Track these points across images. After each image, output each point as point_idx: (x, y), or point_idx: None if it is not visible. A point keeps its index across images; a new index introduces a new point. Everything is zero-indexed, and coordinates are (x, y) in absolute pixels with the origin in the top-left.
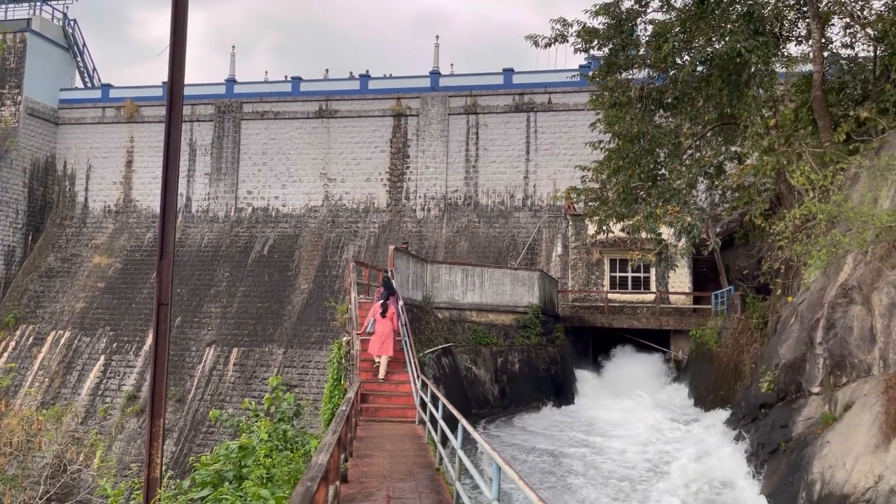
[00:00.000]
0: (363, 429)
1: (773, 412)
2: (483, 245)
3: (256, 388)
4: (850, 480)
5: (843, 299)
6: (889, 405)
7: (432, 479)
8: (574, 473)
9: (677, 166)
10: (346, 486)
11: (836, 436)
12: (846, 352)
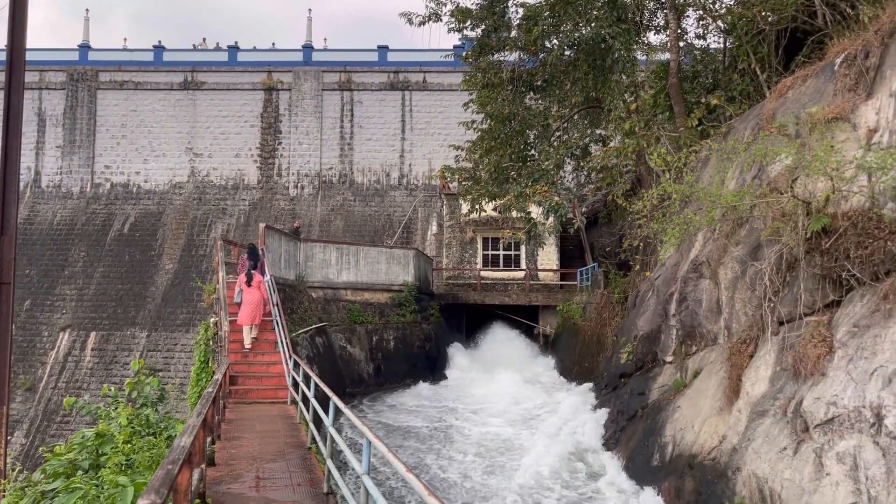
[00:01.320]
0: (232, 411)
1: (632, 381)
2: (359, 224)
3: (117, 374)
4: (697, 441)
5: (694, 274)
6: (732, 371)
7: (304, 458)
8: (444, 446)
9: (546, 147)
10: (214, 470)
11: (686, 401)
12: (696, 323)
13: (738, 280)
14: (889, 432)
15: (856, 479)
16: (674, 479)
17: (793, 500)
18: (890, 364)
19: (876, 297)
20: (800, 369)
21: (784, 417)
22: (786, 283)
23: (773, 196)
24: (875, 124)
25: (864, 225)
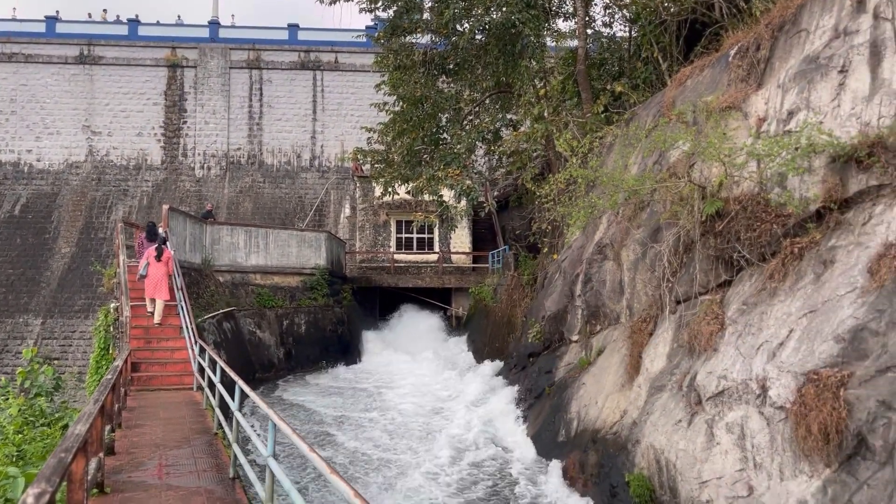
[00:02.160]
0: (135, 398)
1: (540, 360)
2: (269, 206)
3: (9, 363)
4: (600, 416)
5: (598, 256)
6: (633, 348)
7: (210, 444)
8: (357, 428)
9: (458, 131)
10: (114, 458)
11: (590, 378)
12: (600, 302)
13: (639, 261)
14: (773, 403)
15: (743, 447)
16: (578, 454)
17: (686, 469)
18: (774, 339)
19: (763, 277)
20: (694, 346)
21: (680, 392)
22: (683, 264)
23: (672, 181)
24: (764, 113)
25: (753, 209)
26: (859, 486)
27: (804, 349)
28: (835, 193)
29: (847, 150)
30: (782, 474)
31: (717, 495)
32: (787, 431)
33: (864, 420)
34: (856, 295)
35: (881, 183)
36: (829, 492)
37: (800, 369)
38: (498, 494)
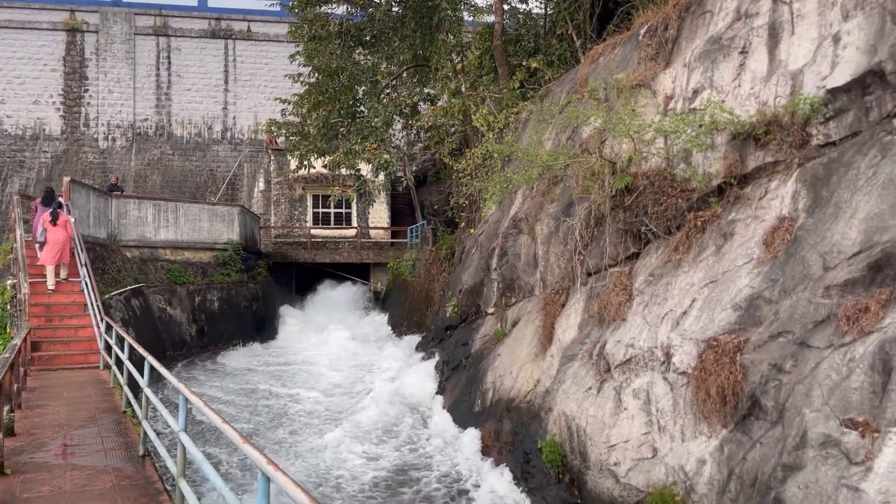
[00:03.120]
0: (36, 379)
1: (457, 332)
2: (178, 179)
3: None
4: (515, 386)
5: (514, 230)
6: (546, 320)
7: (118, 423)
8: (274, 402)
9: (375, 104)
10: (13, 440)
11: (505, 349)
12: (515, 276)
13: (552, 235)
14: (676, 369)
15: (648, 411)
16: (493, 423)
17: (596, 433)
18: (678, 308)
19: (668, 249)
20: (604, 316)
21: (590, 360)
22: (594, 237)
23: (584, 156)
24: (671, 91)
25: (660, 184)
26: (753, 444)
27: (705, 317)
28: (735, 169)
29: (746, 128)
30: (684, 436)
31: (624, 458)
32: (689, 395)
33: (757, 382)
34: (752, 266)
35: (776, 159)
36: (725, 450)
37: (700, 336)
38: (415, 466)
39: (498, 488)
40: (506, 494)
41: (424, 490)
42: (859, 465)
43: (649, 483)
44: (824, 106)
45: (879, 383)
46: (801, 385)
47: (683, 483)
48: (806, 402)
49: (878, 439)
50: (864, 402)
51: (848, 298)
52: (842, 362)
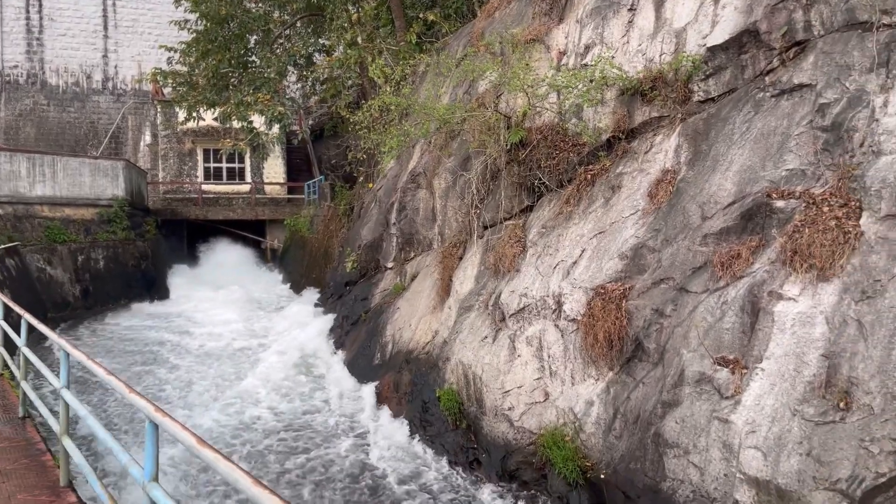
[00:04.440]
0: None
1: (357, 288)
2: (55, 132)
3: None
4: (414, 338)
5: (412, 184)
6: (444, 272)
7: None
8: (167, 360)
9: (268, 54)
10: None
11: (404, 302)
12: (414, 230)
13: (450, 189)
14: (566, 316)
15: (541, 357)
16: (392, 375)
17: (491, 380)
18: (569, 259)
19: (560, 202)
20: (499, 267)
21: (486, 310)
22: (490, 191)
23: (480, 111)
24: (564, 47)
25: (552, 138)
26: (636, 385)
27: (594, 267)
28: (623, 124)
29: (634, 84)
30: (573, 379)
31: (518, 403)
32: (578, 341)
33: (641, 327)
34: (637, 217)
35: (661, 115)
36: (611, 391)
37: (589, 285)
38: (315, 419)
39: (397, 437)
40: (405, 443)
41: (324, 443)
42: (729, 400)
43: (541, 425)
44: (705, 63)
45: (748, 324)
46: (680, 328)
47: (573, 424)
48: (684, 343)
49: (745, 375)
50: (734, 341)
51: (722, 246)
52: (716, 305)
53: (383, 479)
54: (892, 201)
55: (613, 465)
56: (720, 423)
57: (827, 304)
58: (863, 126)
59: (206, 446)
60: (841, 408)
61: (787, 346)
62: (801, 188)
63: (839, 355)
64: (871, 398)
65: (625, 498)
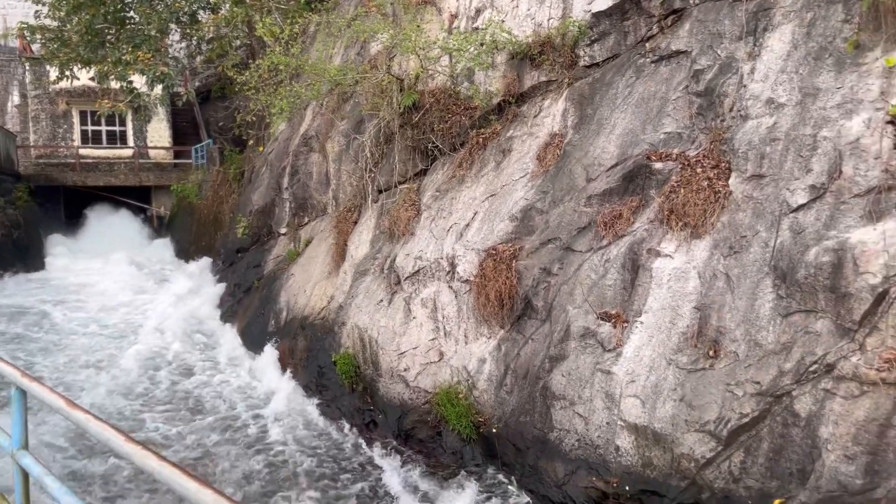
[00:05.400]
0: None
1: (249, 255)
2: None
3: None
4: (309, 304)
5: (305, 148)
6: (339, 237)
7: None
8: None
9: (147, 10)
10: None
11: (299, 268)
12: (307, 195)
13: (343, 153)
14: (460, 277)
15: (435, 318)
16: (287, 342)
17: (387, 343)
18: (462, 221)
19: (453, 165)
20: (394, 231)
21: (381, 274)
22: (384, 154)
23: (373, 73)
24: (456, 10)
25: (445, 101)
26: (525, 341)
27: (486, 229)
28: (513, 88)
29: (523, 49)
30: (467, 338)
31: (414, 363)
32: (471, 301)
33: (530, 285)
34: (527, 179)
35: (549, 79)
36: (502, 349)
37: (482, 246)
38: (207, 388)
39: (293, 403)
40: (301, 408)
41: (218, 412)
42: (611, 352)
43: (436, 384)
44: (590, 29)
45: (628, 280)
46: (566, 285)
47: (466, 381)
48: (570, 300)
49: (626, 328)
50: (616, 297)
51: (605, 206)
52: (599, 263)
53: (278, 445)
54: (757, 162)
55: (505, 420)
56: (603, 375)
57: (699, 259)
58: (732, 91)
59: (77, 408)
60: (710, 356)
61: (663, 300)
62: (678, 150)
63: (709, 307)
64: (736, 345)
65: (515, 450)
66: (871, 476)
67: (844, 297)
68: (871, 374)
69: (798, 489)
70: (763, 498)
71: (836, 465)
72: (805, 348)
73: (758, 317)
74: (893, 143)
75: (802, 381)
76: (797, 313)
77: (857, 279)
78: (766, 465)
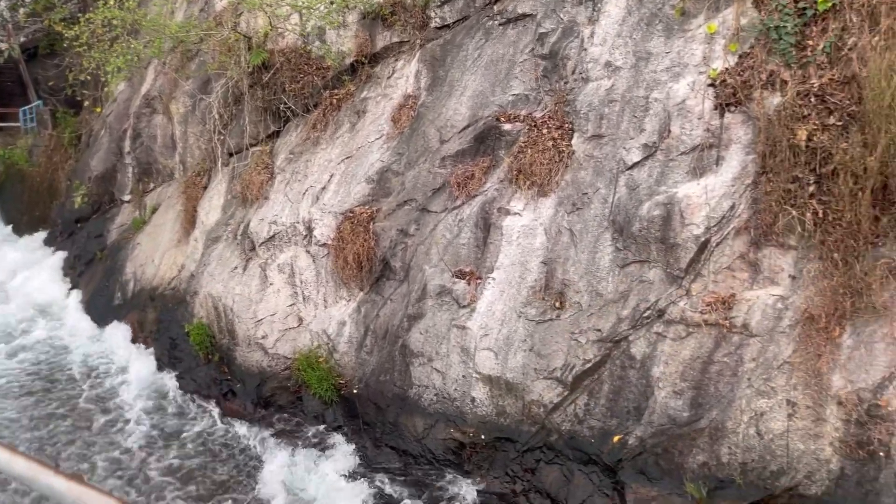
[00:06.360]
0: None
1: (89, 224)
2: None
3: None
4: (158, 274)
5: (147, 109)
6: (188, 203)
7: None
8: None
9: None
10: None
11: (145, 237)
12: (152, 159)
13: (190, 114)
14: (317, 241)
15: (293, 284)
16: (136, 314)
17: (243, 311)
18: (317, 184)
19: (307, 127)
20: (247, 195)
21: (235, 240)
22: (234, 116)
23: (218, 30)
24: None
25: (296, 61)
26: (384, 302)
27: (342, 191)
28: (366, 48)
29: (374, 8)
30: (326, 302)
31: (272, 330)
32: (329, 265)
33: (387, 247)
34: (382, 141)
35: (401, 40)
36: (362, 310)
37: (339, 209)
38: (54, 366)
39: (145, 376)
40: (153, 381)
41: (62, 388)
42: (466, 308)
43: (296, 350)
44: None
45: (482, 238)
46: (423, 245)
47: (327, 345)
48: (426, 259)
49: (480, 285)
50: (469, 255)
51: (458, 167)
52: (453, 223)
53: (131, 422)
54: (597, 123)
55: (365, 380)
56: (458, 330)
57: (545, 216)
58: (574, 55)
59: None
60: (556, 307)
61: (513, 257)
62: (525, 112)
63: (555, 261)
64: (580, 296)
65: (376, 409)
66: (696, 408)
67: (673, 247)
68: (695, 317)
69: (634, 425)
70: (604, 436)
71: (667, 401)
72: (640, 296)
73: (598, 268)
74: (714, 104)
75: (638, 327)
76: (633, 264)
77: (684, 230)
78: (606, 405)
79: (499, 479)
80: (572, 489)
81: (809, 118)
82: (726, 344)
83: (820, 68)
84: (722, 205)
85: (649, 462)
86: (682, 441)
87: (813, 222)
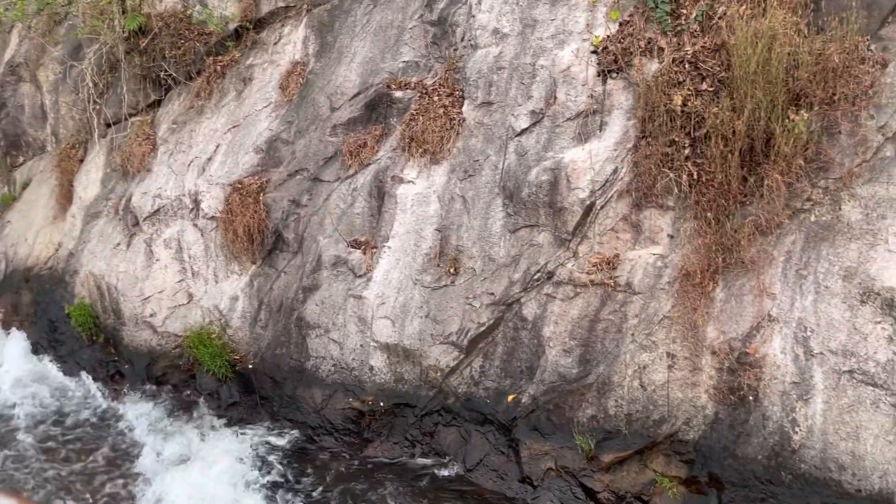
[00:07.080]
0: None
1: None
2: None
3: None
4: (32, 254)
5: (12, 77)
6: (63, 177)
7: None
8: None
9: None
10: None
11: (17, 215)
12: (20, 131)
13: (61, 83)
14: (205, 214)
15: (181, 259)
16: (10, 296)
17: (128, 289)
18: (203, 155)
19: (190, 96)
20: (128, 168)
21: (117, 216)
22: (110, 84)
23: None
24: None
25: (176, 26)
26: (278, 275)
27: (230, 162)
28: (250, 13)
29: None
30: (217, 277)
31: (160, 308)
32: (219, 239)
33: (279, 218)
34: (271, 109)
35: (288, 5)
36: (255, 284)
37: (226, 181)
38: None
39: (22, 363)
40: (32, 367)
41: None
42: (362, 278)
43: (187, 327)
44: None
45: (376, 207)
46: (316, 216)
47: (219, 321)
48: (320, 230)
49: (375, 254)
50: (364, 224)
51: (350, 136)
52: (347, 192)
53: (7, 410)
54: (486, 90)
55: (261, 354)
56: (355, 300)
57: (438, 184)
58: (463, 21)
59: None
60: (451, 273)
61: (408, 225)
62: (416, 79)
63: (449, 228)
64: (473, 262)
65: (273, 383)
66: (584, 365)
67: (560, 211)
68: (582, 277)
69: (527, 384)
70: (499, 396)
71: (557, 359)
72: (530, 259)
73: (490, 234)
74: (597, 70)
75: (529, 289)
76: (523, 228)
77: (570, 194)
78: (500, 366)
79: (398, 444)
80: (469, 449)
81: (684, 84)
82: (611, 302)
83: (693, 36)
84: (605, 169)
85: (542, 419)
86: (572, 396)
87: (688, 184)
